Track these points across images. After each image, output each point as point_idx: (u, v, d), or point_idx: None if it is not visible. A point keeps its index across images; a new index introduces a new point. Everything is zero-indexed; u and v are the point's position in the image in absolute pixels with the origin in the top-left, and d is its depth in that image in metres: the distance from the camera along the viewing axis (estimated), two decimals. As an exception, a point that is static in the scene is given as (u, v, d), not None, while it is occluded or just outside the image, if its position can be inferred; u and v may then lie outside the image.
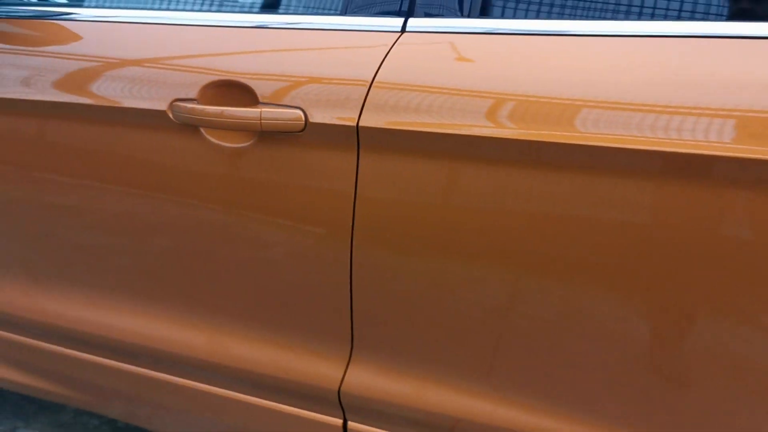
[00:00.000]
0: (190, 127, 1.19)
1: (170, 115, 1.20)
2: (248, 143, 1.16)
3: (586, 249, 0.98)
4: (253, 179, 1.17)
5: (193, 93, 1.18)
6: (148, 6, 1.37)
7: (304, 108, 1.11)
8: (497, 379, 1.12)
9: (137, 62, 1.25)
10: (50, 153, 1.36)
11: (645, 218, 0.94)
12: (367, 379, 1.25)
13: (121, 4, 1.41)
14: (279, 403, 1.34)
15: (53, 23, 1.39)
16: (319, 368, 1.26)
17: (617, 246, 0.97)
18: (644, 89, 0.92)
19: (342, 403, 1.28)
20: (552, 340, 1.05)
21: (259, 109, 1.13)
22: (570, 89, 0.97)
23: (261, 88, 1.13)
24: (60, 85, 1.31)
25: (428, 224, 1.08)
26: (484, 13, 1.08)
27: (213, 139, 1.18)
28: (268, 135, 1.14)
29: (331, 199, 1.13)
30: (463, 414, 1.16)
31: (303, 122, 1.10)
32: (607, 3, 1.05)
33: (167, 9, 1.35)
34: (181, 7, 1.38)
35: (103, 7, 1.42)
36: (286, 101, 1.12)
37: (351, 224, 1.13)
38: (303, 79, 1.12)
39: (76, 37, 1.34)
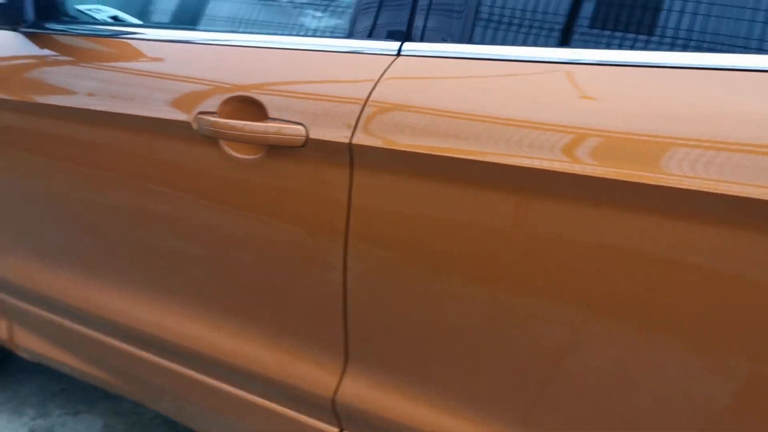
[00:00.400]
0: (212, 138, 1.28)
1: (194, 127, 1.29)
2: (259, 155, 1.23)
3: (551, 267, 0.99)
4: (262, 189, 1.25)
5: (214, 107, 1.27)
6: (190, 27, 1.49)
7: (306, 124, 1.17)
8: (485, 399, 1.13)
9: (171, 77, 1.36)
10: (101, 157, 1.49)
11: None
12: (362, 390, 1.28)
13: (172, 26, 1.53)
14: (288, 408, 1.40)
15: (119, 41, 1.53)
16: (317, 375, 1.31)
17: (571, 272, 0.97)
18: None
19: (337, 412, 1.32)
20: (542, 364, 1.05)
21: (266, 124, 1.20)
22: (548, 114, 0.98)
23: (271, 105, 1.21)
24: (113, 96, 1.44)
25: (417, 238, 1.11)
26: (474, 40, 1.11)
27: (230, 151, 1.26)
28: (276, 148, 1.21)
29: (327, 212, 1.18)
30: None
31: (304, 137, 1.17)
32: (602, 34, 1.05)
33: (203, 30, 1.45)
34: (212, 27, 1.49)
35: (158, 28, 1.54)
36: (291, 117, 1.19)
37: (344, 238, 1.18)
38: (307, 97, 1.18)
39: (138, 55, 1.47)
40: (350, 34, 1.22)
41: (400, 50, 1.14)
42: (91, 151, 1.50)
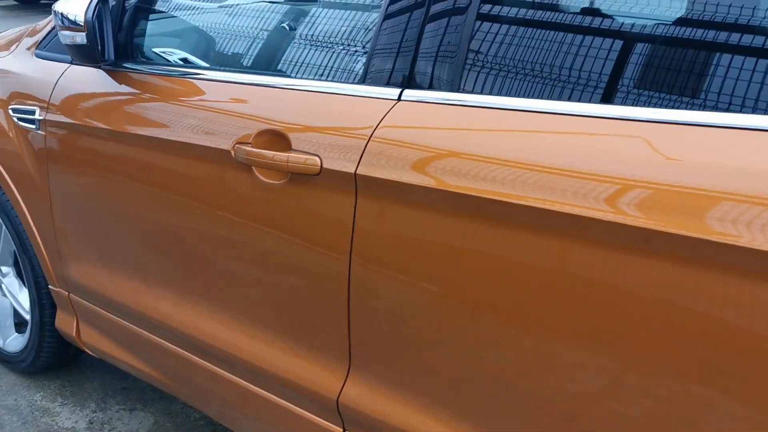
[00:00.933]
0: (246, 165, 1.48)
1: (233, 155, 1.50)
2: (283, 181, 1.43)
3: (520, 291, 1.13)
4: (285, 211, 1.44)
5: (249, 138, 1.48)
6: (236, 69, 1.71)
7: (321, 155, 1.36)
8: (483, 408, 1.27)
9: (218, 111, 1.59)
10: (158, 178, 1.72)
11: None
12: (363, 394, 1.44)
13: (226, 68, 1.76)
14: (297, 406, 1.57)
15: (184, 80, 1.76)
16: (323, 379, 1.48)
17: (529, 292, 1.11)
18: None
19: (341, 413, 1.48)
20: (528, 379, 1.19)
21: (287, 154, 1.40)
22: (529, 156, 1.12)
23: (295, 138, 1.41)
24: (172, 126, 1.67)
25: (409, 258, 1.27)
26: (465, 88, 1.27)
27: (260, 176, 1.47)
28: (297, 176, 1.40)
29: (335, 235, 1.36)
30: None
31: (319, 167, 1.35)
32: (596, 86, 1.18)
33: (244, 72, 1.67)
34: (250, 70, 1.71)
35: (215, 70, 1.77)
36: (309, 149, 1.38)
37: (349, 256, 1.35)
38: (323, 132, 1.37)
39: (198, 92, 1.69)
40: (362, 80, 1.40)
41: (400, 96, 1.32)
42: (151, 172, 1.74)
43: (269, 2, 1.87)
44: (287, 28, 1.77)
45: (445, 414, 1.32)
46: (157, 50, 1.92)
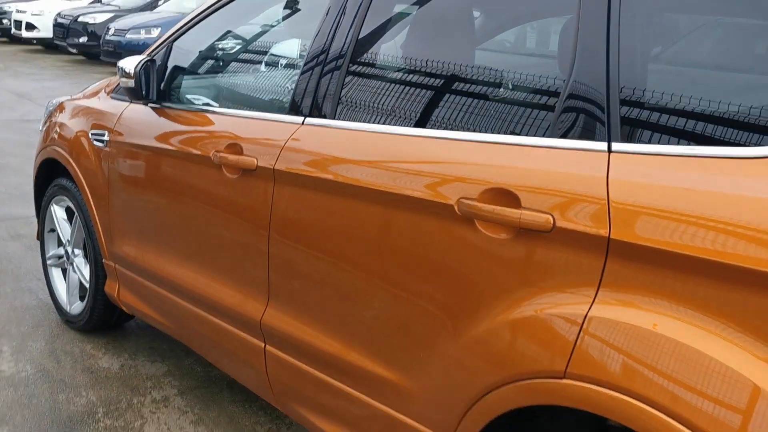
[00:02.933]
0: (218, 165, 2.29)
1: (212, 159, 2.32)
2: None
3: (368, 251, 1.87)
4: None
5: (221, 148, 2.29)
6: (228, 107, 2.56)
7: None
8: (354, 328, 1.99)
9: (219, 134, 2.43)
10: (185, 180, 2.56)
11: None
12: (279, 319, 2.18)
13: (234, 108, 2.61)
14: (231, 326, 2.33)
15: (203, 115, 2.60)
16: (247, 302, 2.24)
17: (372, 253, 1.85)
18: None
19: (262, 331, 2.23)
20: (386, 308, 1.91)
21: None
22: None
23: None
24: (191, 144, 2.51)
25: (303, 230, 2.04)
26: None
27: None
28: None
29: (260, 217, 2.14)
30: (336, 353, 2.02)
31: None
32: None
33: (218, 108, 2.51)
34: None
35: (225, 108, 2.60)
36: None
37: (268, 231, 2.13)
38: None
39: (210, 123, 2.50)
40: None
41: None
42: (172, 175, 2.58)
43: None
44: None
45: (324, 327, 2.04)
46: (187, 95, 2.79)
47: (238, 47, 2.78)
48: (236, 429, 2.70)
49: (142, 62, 2.64)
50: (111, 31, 13.18)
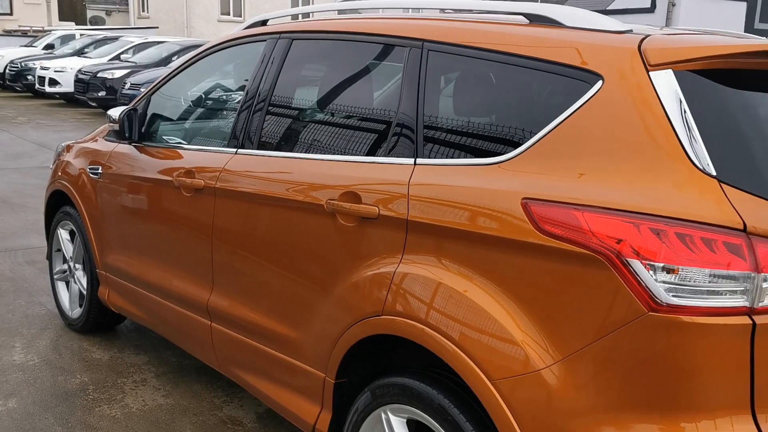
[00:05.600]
0: (177, 187, 3.02)
1: (175, 183, 3.05)
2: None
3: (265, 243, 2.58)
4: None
5: (173, 173, 3.02)
6: (193, 144, 3.30)
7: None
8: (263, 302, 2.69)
9: (188, 164, 3.17)
10: (154, 201, 3.29)
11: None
12: (220, 301, 2.88)
13: (200, 145, 3.35)
14: (187, 311, 3.03)
15: (176, 151, 3.34)
16: (198, 291, 2.94)
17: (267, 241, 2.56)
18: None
19: (209, 312, 2.92)
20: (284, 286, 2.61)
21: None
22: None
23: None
24: (163, 173, 3.25)
25: (232, 233, 2.75)
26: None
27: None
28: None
29: (206, 223, 2.87)
30: (256, 322, 2.70)
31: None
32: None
33: (191, 145, 3.25)
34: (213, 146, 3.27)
35: (192, 145, 3.35)
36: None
37: (212, 234, 2.84)
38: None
39: (179, 157, 3.25)
40: (229, 144, 2.93)
41: (236, 152, 2.83)
42: (147, 197, 3.31)
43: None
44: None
45: (248, 303, 2.73)
46: (164, 135, 3.54)
47: (198, 97, 3.54)
48: (198, 400, 3.37)
49: (126, 111, 3.41)
50: (127, 86, 14.19)
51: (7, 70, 19.20)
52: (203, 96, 3.54)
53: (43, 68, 17.44)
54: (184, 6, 28.82)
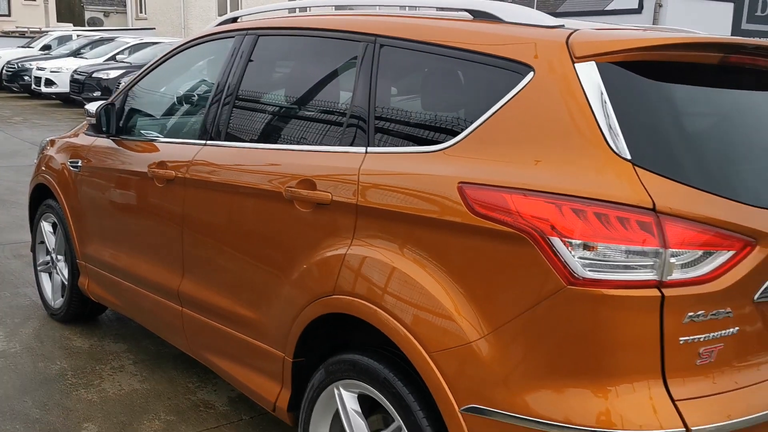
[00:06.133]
0: (150, 177, 3.14)
1: (148, 175, 3.16)
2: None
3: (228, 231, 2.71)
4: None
5: (153, 165, 3.14)
6: (167, 137, 3.42)
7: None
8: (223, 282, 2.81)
9: (162, 156, 3.29)
10: (132, 191, 3.41)
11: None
12: (190, 287, 3.00)
13: (174, 138, 3.47)
14: (160, 297, 3.15)
15: (152, 144, 3.46)
16: (170, 277, 3.06)
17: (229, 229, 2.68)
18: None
19: (179, 297, 3.04)
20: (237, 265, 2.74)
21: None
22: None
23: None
24: (138, 164, 3.37)
25: (199, 223, 2.87)
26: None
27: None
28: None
29: (177, 213, 2.98)
30: (223, 306, 2.82)
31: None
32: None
33: (167, 138, 3.37)
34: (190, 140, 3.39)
35: (168, 138, 3.46)
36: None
37: (182, 223, 2.96)
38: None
39: (156, 150, 3.36)
40: (200, 136, 3.05)
41: (205, 144, 2.94)
42: (122, 189, 3.43)
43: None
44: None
45: (216, 288, 2.84)
46: (140, 129, 3.66)
47: (171, 93, 3.66)
48: (173, 385, 3.49)
49: (103, 105, 3.53)
50: (121, 86, 14.30)
51: (4, 71, 19.33)
52: (178, 91, 3.66)
53: (39, 69, 17.56)
54: (182, 7, 29.00)
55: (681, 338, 1.72)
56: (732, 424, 1.73)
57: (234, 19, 3.22)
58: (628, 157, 1.77)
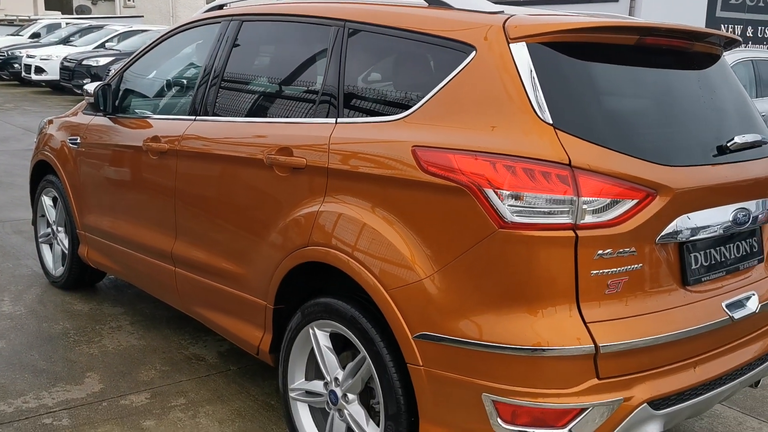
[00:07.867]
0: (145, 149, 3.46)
1: (143, 149, 3.48)
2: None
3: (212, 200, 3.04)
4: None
5: (147, 141, 3.46)
6: (158, 114, 3.73)
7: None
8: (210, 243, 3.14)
9: (156, 132, 3.61)
10: (126, 164, 3.73)
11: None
12: (182, 248, 3.33)
13: (167, 114, 3.78)
14: (155, 259, 3.48)
15: (145, 121, 3.77)
16: (164, 241, 3.39)
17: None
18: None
19: (173, 258, 3.37)
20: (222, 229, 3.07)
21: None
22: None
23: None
24: (132, 139, 3.68)
25: (190, 192, 3.20)
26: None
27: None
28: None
29: (169, 184, 3.31)
30: (211, 263, 3.15)
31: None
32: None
33: (160, 115, 3.69)
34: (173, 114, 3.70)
35: (160, 115, 3.78)
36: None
37: (174, 191, 3.29)
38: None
39: (149, 126, 3.67)
40: (189, 112, 3.37)
41: (195, 119, 3.27)
42: (119, 161, 3.75)
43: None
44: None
45: (206, 248, 3.16)
46: (135, 108, 3.98)
47: (163, 74, 3.98)
48: (167, 342, 3.83)
49: (100, 85, 3.85)
50: (111, 73, 14.50)
51: (-7, 59, 19.51)
52: (170, 72, 3.97)
53: (29, 56, 17.74)
54: (170, -5, 29.11)
55: (592, 271, 2.08)
56: (632, 343, 2.09)
57: (220, 6, 3.54)
58: (551, 122, 2.11)
